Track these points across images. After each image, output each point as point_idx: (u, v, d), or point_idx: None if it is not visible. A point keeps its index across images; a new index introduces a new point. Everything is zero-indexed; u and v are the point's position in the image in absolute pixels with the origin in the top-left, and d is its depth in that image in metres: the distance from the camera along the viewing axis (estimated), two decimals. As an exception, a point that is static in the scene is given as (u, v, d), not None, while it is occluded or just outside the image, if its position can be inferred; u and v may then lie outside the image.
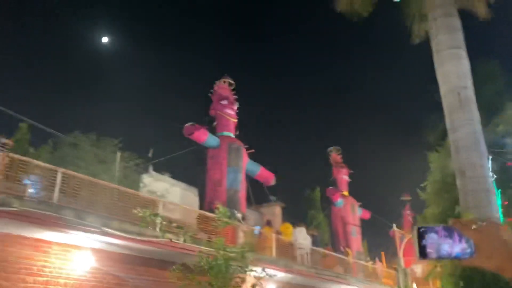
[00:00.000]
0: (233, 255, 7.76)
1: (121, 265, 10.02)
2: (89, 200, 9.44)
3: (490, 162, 9.32)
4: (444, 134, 16.45)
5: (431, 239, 1.10)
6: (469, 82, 9.54)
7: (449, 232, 1.09)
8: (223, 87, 18.28)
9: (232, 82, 18.69)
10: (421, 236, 1.11)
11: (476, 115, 9.26)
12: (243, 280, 7.73)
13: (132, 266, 10.26)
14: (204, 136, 16.21)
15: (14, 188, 8.36)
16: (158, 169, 20.06)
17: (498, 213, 8.45)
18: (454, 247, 1.08)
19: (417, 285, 20.75)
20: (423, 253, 1.10)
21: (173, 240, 9.78)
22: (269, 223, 16.23)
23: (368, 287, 18.31)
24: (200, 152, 16.99)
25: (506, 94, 15.61)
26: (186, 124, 15.89)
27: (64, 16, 38.39)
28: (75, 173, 9.49)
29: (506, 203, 9.91)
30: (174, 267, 7.57)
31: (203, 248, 7.86)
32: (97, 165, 15.70)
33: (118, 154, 16.35)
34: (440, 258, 1.10)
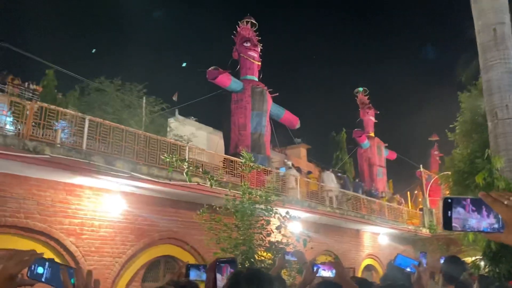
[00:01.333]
0: (258, 199, 7.93)
1: (151, 207, 10.44)
2: (117, 146, 9.68)
3: (524, 102, 8.89)
4: (476, 74, 15.74)
5: (458, 213, 1.05)
6: (506, 17, 8.91)
7: (477, 206, 1.04)
8: (246, 28, 17.79)
9: (254, 22, 18.14)
10: (447, 207, 1.07)
11: (511, 52, 8.73)
12: (268, 222, 7.94)
13: (161, 208, 10.68)
14: (227, 81, 16.06)
15: (45, 135, 8.63)
16: (184, 113, 20.30)
17: (529, 156, 8.20)
18: (482, 222, 1.03)
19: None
20: (447, 225, 1.07)
21: (200, 184, 10.06)
22: (298, 170, 16.46)
23: (394, 227, 18.60)
24: (225, 96, 16.95)
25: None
26: (209, 69, 15.72)
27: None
28: (102, 120, 9.68)
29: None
30: (201, 209, 7.81)
31: (229, 191, 8.03)
32: (123, 110, 15.97)
33: (144, 99, 16.53)
34: (465, 231, 1.07)
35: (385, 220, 18.43)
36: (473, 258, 12.63)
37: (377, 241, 18.56)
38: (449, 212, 1.06)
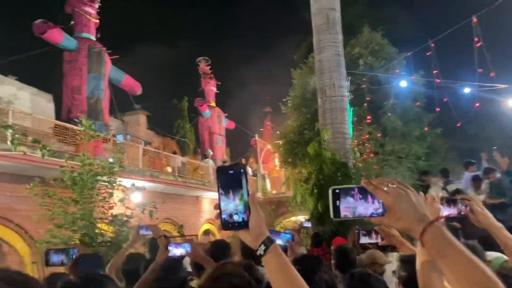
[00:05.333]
0: (99, 170, 7.40)
1: (-37, 181, 8.85)
2: None
3: (348, 82, 10.18)
4: (307, 53, 17.35)
5: (348, 202, 1.11)
6: (337, 4, 9.93)
7: (364, 195, 1.12)
8: (81, -20, 16.00)
9: (91, -25, 16.43)
10: (336, 197, 1.12)
11: (340, 37, 9.81)
12: (111, 195, 7.50)
13: (-22, 181, 9.15)
14: (59, 37, 14.31)
15: None
16: (3, 71, 17.48)
17: (349, 129, 9.48)
18: (369, 208, 1.11)
19: (275, 188, 22.98)
20: (337, 214, 1.12)
21: (27, 154, 8.88)
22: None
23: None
24: (56, 54, 15.12)
25: (364, 18, 16.80)
26: (37, 21, 13.74)
27: None
28: None
29: (355, 119, 11.17)
30: (31, 184, 6.92)
31: (66, 162, 7.27)
32: None
33: None
34: (354, 217, 1.14)
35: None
36: (298, 217, 14.23)
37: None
38: (337, 201, 1.12)
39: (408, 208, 1.07)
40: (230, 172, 1.19)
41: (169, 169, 16.01)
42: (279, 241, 2.97)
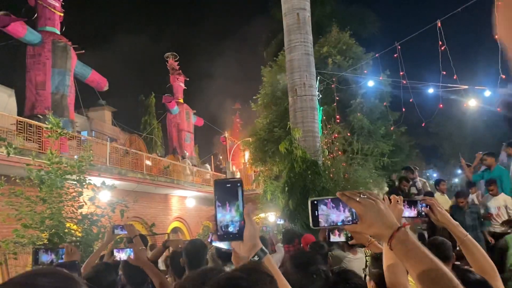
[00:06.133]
0: (68, 168, 7.23)
1: None
2: None
3: (317, 82, 10.36)
4: (277, 51, 17.48)
5: (322, 210, 1.22)
6: (307, 4, 10.09)
7: (336, 204, 1.22)
8: (44, -29, 15.47)
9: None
10: (314, 207, 1.23)
11: (310, 37, 9.98)
12: (80, 194, 7.35)
13: None
14: (22, 30, 13.81)
15: None
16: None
17: (318, 128, 9.67)
18: (340, 216, 1.23)
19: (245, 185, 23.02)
20: (316, 223, 1.23)
21: (-10, 151, 8.58)
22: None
23: (200, 190, 19.56)
24: (17, 48, 14.57)
25: (333, 18, 17.10)
26: (-2, 13, 13.23)
27: None
28: None
29: (324, 118, 11.37)
30: (-3, 182, 6.70)
31: (32, 160, 7.07)
32: None
33: None
34: (329, 226, 1.25)
35: (193, 184, 19.22)
36: (268, 214, 14.35)
37: (184, 204, 19.28)
38: (316, 212, 1.22)
39: (377, 216, 1.18)
40: (228, 185, 1.23)
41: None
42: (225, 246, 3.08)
